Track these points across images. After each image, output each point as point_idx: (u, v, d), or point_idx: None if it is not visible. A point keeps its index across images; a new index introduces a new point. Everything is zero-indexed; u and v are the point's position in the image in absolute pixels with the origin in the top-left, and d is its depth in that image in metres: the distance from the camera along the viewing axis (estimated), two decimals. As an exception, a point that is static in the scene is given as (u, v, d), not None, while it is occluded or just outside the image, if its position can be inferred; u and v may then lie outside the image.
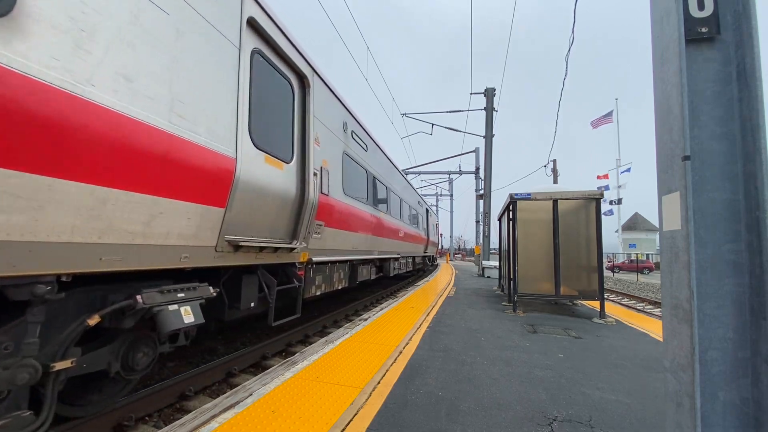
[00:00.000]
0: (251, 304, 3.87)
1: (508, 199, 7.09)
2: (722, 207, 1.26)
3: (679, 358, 1.29)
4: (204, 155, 2.77)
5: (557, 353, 4.02)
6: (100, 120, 2.01)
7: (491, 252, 16.95)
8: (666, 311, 1.39)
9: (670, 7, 1.35)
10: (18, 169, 1.69)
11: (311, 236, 4.74)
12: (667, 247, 1.38)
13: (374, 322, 5.36)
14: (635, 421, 2.48)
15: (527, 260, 6.67)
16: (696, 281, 1.24)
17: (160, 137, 2.38)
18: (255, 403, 2.54)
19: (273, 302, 4.06)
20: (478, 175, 22.91)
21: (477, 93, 16.78)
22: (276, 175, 3.83)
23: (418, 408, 2.56)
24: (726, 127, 1.28)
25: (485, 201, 16.40)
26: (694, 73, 1.32)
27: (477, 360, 3.69)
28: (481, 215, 17.72)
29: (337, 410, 2.48)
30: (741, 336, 1.22)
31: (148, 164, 2.31)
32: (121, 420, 2.96)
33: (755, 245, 1.20)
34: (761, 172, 1.18)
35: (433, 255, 22.18)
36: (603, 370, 3.49)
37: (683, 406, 1.26)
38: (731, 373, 1.22)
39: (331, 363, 3.44)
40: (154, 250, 2.46)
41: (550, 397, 2.81)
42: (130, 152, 2.18)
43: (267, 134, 3.74)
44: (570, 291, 6.43)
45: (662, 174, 1.42)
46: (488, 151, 16.02)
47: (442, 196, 42.84)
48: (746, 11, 1.26)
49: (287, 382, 2.93)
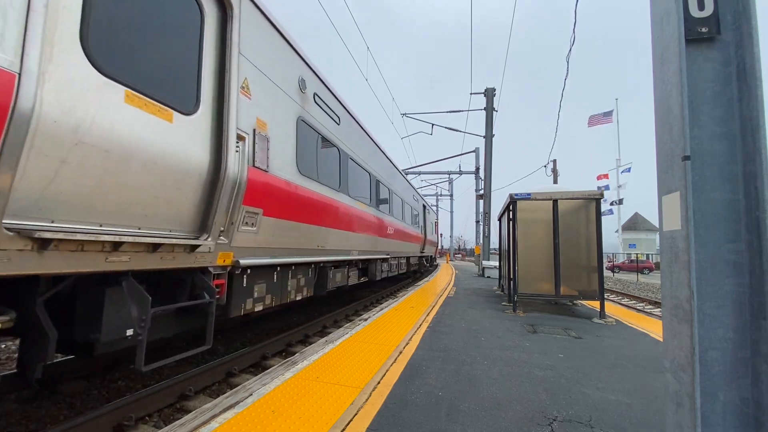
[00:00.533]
0: (126, 333, 2.65)
1: (508, 199, 7.09)
2: (722, 207, 1.26)
3: (679, 358, 1.29)
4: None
5: (557, 353, 4.02)
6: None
7: (491, 252, 16.95)
8: (666, 311, 1.39)
9: (670, 7, 1.35)
10: None
11: (238, 229, 3.40)
12: (667, 247, 1.38)
13: (374, 322, 5.35)
14: (635, 421, 2.48)
15: (527, 260, 6.67)
16: (696, 281, 1.24)
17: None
18: (255, 403, 2.54)
19: (144, 334, 2.56)
20: (478, 175, 22.93)
21: (477, 93, 16.78)
22: (158, 128, 2.57)
23: (418, 408, 2.56)
24: (726, 127, 1.28)
25: (485, 201, 16.40)
26: (694, 73, 1.32)
27: (477, 360, 3.69)
28: (481, 215, 17.73)
29: (338, 410, 2.48)
30: (741, 336, 1.22)
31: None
32: (121, 420, 2.96)
33: (755, 245, 1.20)
34: (761, 172, 1.18)
35: (431, 255, 21.14)
36: (603, 370, 3.49)
37: (683, 406, 1.26)
38: (731, 373, 1.21)
39: (331, 363, 3.44)
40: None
41: (550, 397, 2.81)
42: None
43: (133, 56, 2.47)
44: (570, 291, 6.43)
45: (662, 174, 1.42)
46: (488, 151, 16.03)
47: (442, 196, 42.89)
48: (746, 11, 1.26)
49: (287, 382, 2.93)
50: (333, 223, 5.60)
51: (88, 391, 3.62)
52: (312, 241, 5.03)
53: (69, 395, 3.49)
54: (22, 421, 3.04)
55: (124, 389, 3.76)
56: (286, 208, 4.22)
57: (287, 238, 4.37)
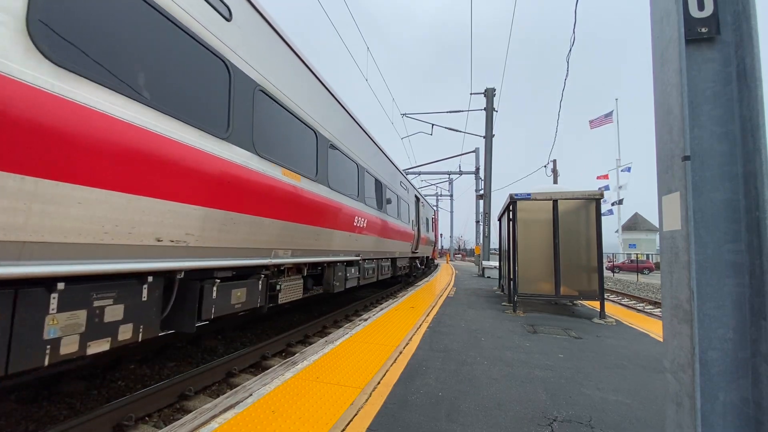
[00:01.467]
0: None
1: (508, 199, 7.09)
2: (722, 207, 1.26)
3: (679, 358, 1.29)
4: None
5: (557, 353, 4.02)
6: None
7: (491, 252, 16.95)
8: (666, 311, 1.39)
9: (670, 8, 1.35)
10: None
11: None
12: (667, 247, 1.38)
13: (374, 322, 5.35)
14: (635, 421, 2.48)
15: (527, 260, 6.67)
16: (696, 281, 1.24)
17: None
18: (255, 404, 2.54)
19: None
20: (478, 175, 22.93)
21: (477, 93, 16.79)
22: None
23: (418, 408, 2.56)
24: (726, 127, 1.28)
25: (485, 201, 16.40)
26: (694, 73, 1.32)
27: (477, 360, 3.69)
28: (481, 215, 17.72)
29: (338, 410, 2.48)
30: (741, 336, 1.22)
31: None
32: (121, 420, 2.96)
33: (755, 245, 1.20)
34: (761, 172, 1.18)
35: (427, 256, 17.55)
36: (603, 371, 3.49)
37: (683, 406, 1.26)
38: (731, 374, 1.21)
39: (331, 363, 3.44)
40: None
41: (551, 398, 2.81)
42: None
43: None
44: (570, 291, 6.43)
45: (662, 174, 1.42)
46: (488, 151, 16.03)
47: (442, 196, 42.86)
48: (746, 11, 1.26)
49: (287, 383, 2.93)
50: (212, 201, 3.14)
51: (88, 391, 3.62)
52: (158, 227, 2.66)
53: (69, 395, 3.49)
54: (22, 421, 3.04)
55: (124, 389, 3.76)
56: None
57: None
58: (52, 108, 2.01)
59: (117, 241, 2.38)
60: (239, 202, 3.46)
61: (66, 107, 2.08)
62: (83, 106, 2.17)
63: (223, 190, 3.24)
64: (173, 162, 2.73)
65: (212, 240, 3.20)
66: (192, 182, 2.90)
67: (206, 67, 3.18)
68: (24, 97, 1.89)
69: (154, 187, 2.58)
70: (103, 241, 2.29)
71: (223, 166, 3.23)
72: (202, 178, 2.99)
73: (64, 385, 3.57)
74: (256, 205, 3.72)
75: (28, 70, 1.94)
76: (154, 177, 2.57)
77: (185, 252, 2.95)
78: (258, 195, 3.73)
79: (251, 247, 3.79)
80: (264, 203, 3.84)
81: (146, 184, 2.52)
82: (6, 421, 3.01)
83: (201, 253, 3.12)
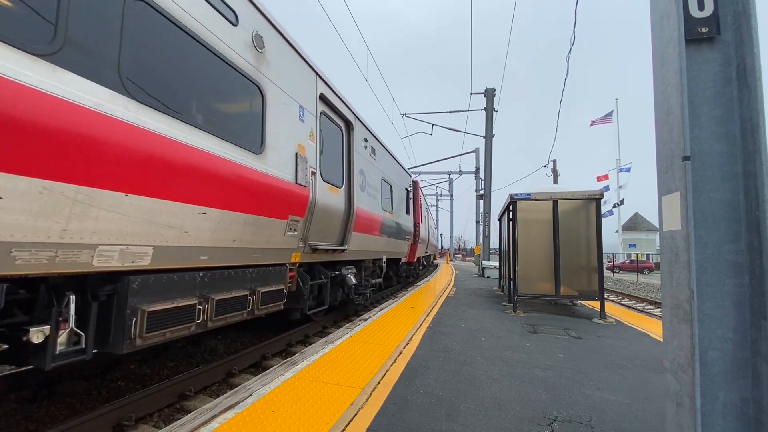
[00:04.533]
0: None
1: (508, 199, 7.09)
2: (722, 207, 1.26)
3: (680, 358, 1.29)
4: None
5: (557, 353, 4.02)
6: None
7: (491, 252, 16.95)
8: (666, 311, 1.39)
9: (670, 8, 1.36)
10: None
11: None
12: (667, 247, 1.38)
13: (374, 322, 5.35)
14: (636, 421, 2.48)
15: (527, 260, 6.67)
16: (696, 281, 1.24)
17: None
18: (255, 404, 2.54)
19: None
20: (478, 175, 22.93)
21: (477, 93, 16.79)
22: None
23: (418, 408, 2.56)
24: (726, 127, 1.28)
25: (485, 201, 16.40)
26: (694, 73, 1.32)
27: (477, 360, 3.69)
28: (481, 215, 17.72)
29: (338, 410, 2.48)
30: (741, 336, 1.22)
31: None
32: (121, 420, 2.96)
33: (755, 245, 1.20)
34: (761, 172, 1.18)
35: (430, 256, 15.81)
36: (603, 371, 3.49)
37: (683, 406, 1.26)
38: (731, 374, 1.21)
39: (332, 363, 3.44)
40: None
41: (551, 398, 2.81)
42: None
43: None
44: (570, 291, 6.43)
45: (662, 174, 1.42)
46: (488, 151, 16.03)
47: (442, 196, 42.87)
48: (746, 11, 1.26)
49: (287, 383, 2.93)
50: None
51: (88, 391, 3.62)
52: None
53: (69, 395, 3.49)
54: (22, 421, 3.04)
55: (124, 389, 3.75)
56: None
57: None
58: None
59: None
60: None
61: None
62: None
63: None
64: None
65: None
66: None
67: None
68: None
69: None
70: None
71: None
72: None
73: (64, 385, 3.57)
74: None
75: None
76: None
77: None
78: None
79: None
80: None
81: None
82: (6, 421, 3.01)
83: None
